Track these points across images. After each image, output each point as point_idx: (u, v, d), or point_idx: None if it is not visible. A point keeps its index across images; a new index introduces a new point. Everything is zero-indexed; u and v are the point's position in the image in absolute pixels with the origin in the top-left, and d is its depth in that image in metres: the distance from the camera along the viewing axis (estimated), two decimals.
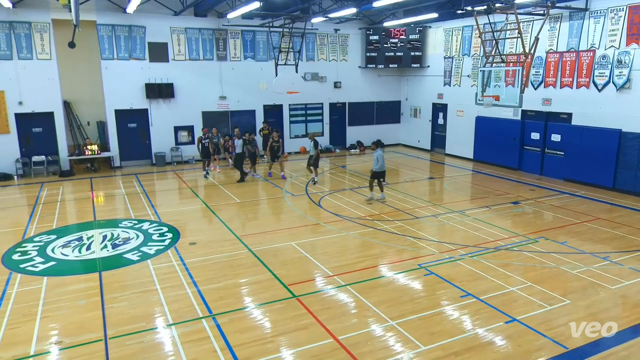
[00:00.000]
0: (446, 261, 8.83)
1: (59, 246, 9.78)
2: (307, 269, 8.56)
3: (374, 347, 6.06)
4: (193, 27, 18.48)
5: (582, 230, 10.55)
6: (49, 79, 16.61)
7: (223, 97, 19.47)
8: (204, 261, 8.93)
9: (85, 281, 8.14)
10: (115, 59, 17.47)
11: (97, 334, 6.42)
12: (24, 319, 6.85)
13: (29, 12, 15.99)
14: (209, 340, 6.22)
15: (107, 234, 10.51)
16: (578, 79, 14.70)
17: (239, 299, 7.50)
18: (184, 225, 11.16)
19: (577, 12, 14.43)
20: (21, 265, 8.79)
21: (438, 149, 21.29)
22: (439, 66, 20.45)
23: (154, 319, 6.84)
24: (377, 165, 12.46)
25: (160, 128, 18.60)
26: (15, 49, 16.03)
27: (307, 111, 21.55)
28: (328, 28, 20.68)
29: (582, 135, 14.63)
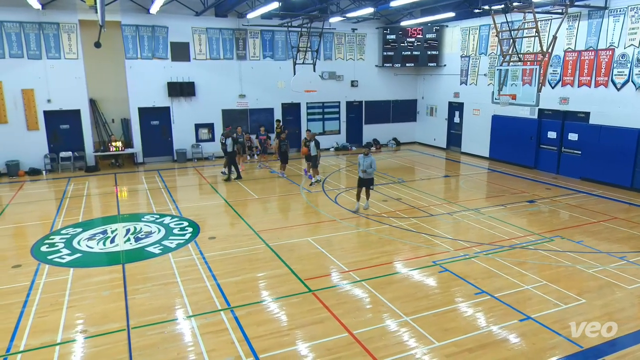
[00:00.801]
0: (461, 258, 8.75)
1: (84, 239, 9.98)
2: (323, 264, 8.58)
3: (389, 342, 6.04)
4: (214, 27, 18.61)
5: (598, 230, 10.34)
6: (76, 78, 16.93)
7: (242, 95, 19.58)
8: (223, 255, 9.01)
9: (109, 273, 8.29)
10: (139, 59, 17.70)
11: (120, 323, 6.54)
12: (51, 308, 7.02)
13: (57, 13, 16.30)
14: (227, 332, 6.28)
15: (130, 228, 10.68)
16: (596, 77, 14.38)
17: (256, 292, 7.55)
18: (204, 220, 11.27)
19: (597, 11, 14.09)
20: (49, 257, 8.99)
21: (454, 147, 21.07)
22: (456, 65, 20.21)
23: (175, 311, 6.94)
24: (370, 170, 11.16)
25: (181, 125, 18.80)
26: (44, 49, 16.37)
27: (324, 109, 21.54)
28: (345, 27, 20.61)
29: (600, 135, 14.31)
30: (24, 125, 16.53)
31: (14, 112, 16.32)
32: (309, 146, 14.54)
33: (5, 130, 16.24)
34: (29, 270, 8.38)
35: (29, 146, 16.63)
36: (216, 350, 5.87)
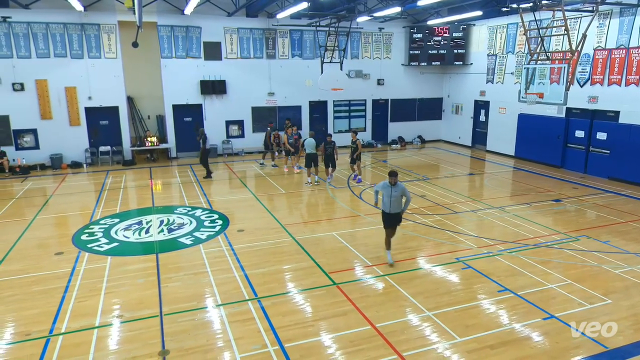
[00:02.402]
0: (484, 256, 8.59)
1: (121, 229, 10.26)
2: (347, 258, 8.57)
3: (410, 336, 6.00)
4: (245, 27, 18.75)
5: (626, 230, 9.97)
6: (114, 76, 17.38)
7: (271, 93, 19.70)
8: (251, 247, 9.12)
9: (144, 262, 8.51)
10: (173, 58, 18.02)
11: (154, 310, 6.71)
12: (90, 293, 7.26)
13: (98, 15, 16.74)
14: (254, 321, 6.36)
15: (164, 219, 10.91)
16: (627, 76, 13.82)
17: (282, 284, 7.61)
18: (233, 213, 11.42)
19: (628, 8, 13.52)
20: (88, 245, 9.29)
21: (479, 145, 20.65)
22: (482, 64, 19.77)
23: (205, 299, 7.07)
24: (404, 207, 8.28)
25: (213, 122, 19.05)
26: (85, 49, 16.85)
27: (351, 107, 21.45)
28: (372, 27, 20.43)
29: (630, 134, 13.77)
30: (67, 121, 17.09)
31: (58, 108, 16.88)
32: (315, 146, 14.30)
33: (50, 126, 16.83)
34: (70, 257, 8.68)
35: (71, 141, 17.19)
36: (243, 339, 5.95)
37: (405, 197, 8.02)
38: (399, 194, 7.98)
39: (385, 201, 8.05)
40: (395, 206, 8.01)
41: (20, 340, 6.01)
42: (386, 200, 8.02)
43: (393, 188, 7.97)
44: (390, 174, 8.01)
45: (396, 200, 7.97)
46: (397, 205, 8.02)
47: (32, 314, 6.63)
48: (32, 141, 16.81)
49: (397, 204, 8.02)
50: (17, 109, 16.34)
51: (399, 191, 7.97)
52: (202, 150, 14.94)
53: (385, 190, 8.03)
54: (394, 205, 8.01)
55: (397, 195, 7.96)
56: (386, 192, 8.01)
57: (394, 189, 7.96)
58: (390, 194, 7.96)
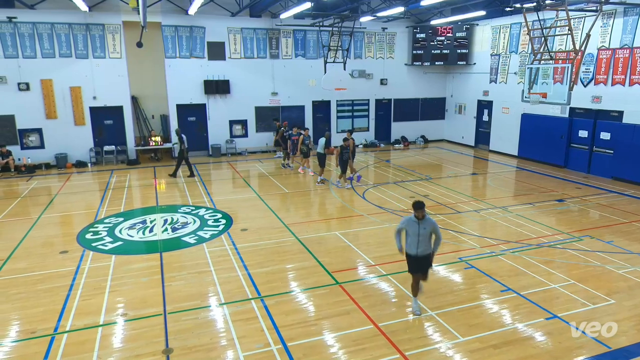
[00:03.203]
0: (487, 256, 8.57)
1: (125, 228, 10.29)
2: (350, 258, 8.56)
3: (413, 336, 5.99)
4: (248, 27, 18.77)
5: (630, 230, 9.92)
6: (119, 76, 17.42)
7: (275, 93, 19.70)
8: (254, 246, 9.12)
9: (148, 260, 8.53)
10: (177, 58, 18.06)
11: (157, 308, 6.72)
12: (94, 292, 7.28)
13: (103, 15, 16.79)
14: (257, 320, 6.37)
15: (168, 218, 10.94)
16: (631, 76, 13.74)
17: (285, 283, 7.61)
18: (237, 212, 11.43)
19: (633, 8, 13.45)
20: (93, 244, 9.32)
21: (482, 145, 20.60)
22: (486, 63, 19.72)
23: (208, 298, 7.08)
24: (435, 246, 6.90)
25: (216, 122, 19.09)
26: (90, 49, 16.90)
27: (354, 107, 21.43)
28: (376, 26, 20.41)
29: (634, 134, 13.69)
30: (72, 121, 17.14)
31: (63, 108, 16.94)
32: None
33: (55, 125, 16.89)
34: (74, 256, 8.71)
35: (76, 140, 17.25)
36: (246, 337, 5.96)
37: (436, 234, 6.48)
38: (428, 230, 6.40)
39: (411, 241, 6.45)
40: (424, 246, 6.43)
41: (26, 338, 6.04)
42: (412, 240, 6.42)
43: (421, 224, 6.36)
44: (416, 207, 6.32)
45: (425, 238, 6.42)
46: (426, 244, 6.45)
47: (37, 312, 6.66)
48: (37, 141, 16.88)
49: (426, 244, 6.45)
50: (23, 108, 16.41)
51: (428, 227, 6.38)
52: (182, 150, 15.02)
53: (410, 227, 6.42)
54: (422, 245, 6.42)
55: (426, 233, 6.41)
56: (412, 230, 6.40)
57: (421, 225, 6.35)
58: (417, 231, 6.36)
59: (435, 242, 6.56)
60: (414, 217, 6.42)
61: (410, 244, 6.49)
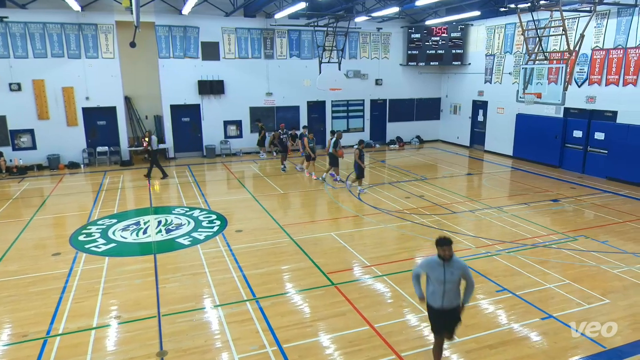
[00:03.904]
0: (482, 256, 8.60)
1: (119, 229, 10.24)
2: (346, 259, 8.57)
3: (409, 336, 6.00)
4: (243, 27, 18.74)
5: (624, 230, 9.99)
6: (112, 76, 17.34)
7: (269, 93, 19.68)
8: (249, 248, 9.11)
9: (142, 262, 8.49)
10: (171, 58, 18.00)
11: (152, 311, 6.69)
12: (87, 294, 7.24)
13: (96, 15, 16.71)
14: (252, 322, 6.35)
15: (162, 220, 10.90)
16: (625, 76, 13.85)
17: (280, 284, 7.60)
18: (231, 213, 11.40)
19: (626, 8, 13.56)
20: (86, 246, 9.26)
21: (477, 145, 20.68)
22: (480, 64, 19.80)
23: (203, 300, 7.06)
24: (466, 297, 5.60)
25: (211, 122, 19.04)
26: (83, 49, 16.81)
27: (349, 107, 21.45)
28: (371, 27, 20.45)
29: (628, 134, 13.80)
30: (64, 121, 17.04)
31: (55, 108, 16.84)
32: None
33: (47, 126, 16.78)
34: (67, 258, 8.66)
35: (69, 141, 17.15)
36: (241, 339, 5.94)
37: (467, 279, 5.01)
38: (457, 276, 4.94)
39: (434, 290, 4.95)
40: (451, 297, 4.96)
41: (18, 341, 5.99)
42: (436, 289, 4.92)
43: (447, 267, 4.88)
44: (440, 243, 4.85)
45: (453, 286, 4.95)
46: (454, 294, 4.99)
47: (30, 314, 6.61)
48: (29, 141, 16.76)
49: (454, 293, 4.98)
50: (14, 109, 16.29)
51: (457, 271, 4.93)
52: (151, 152, 14.98)
53: (433, 272, 4.92)
54: (450, 296, 4.94)
55: (455, 280, 4.93)
56: (435, 275, 4.90)
57: (448, 269, 4.88)
58: (442, 277, 4.86)
59: (466, 290, 5.02)
60: (438, 257, 4.91)
61: (433, 293, 4.97)
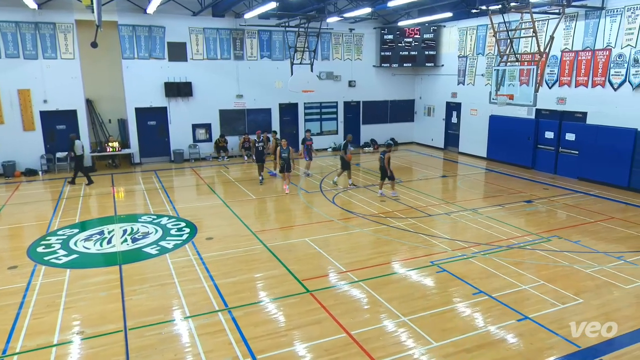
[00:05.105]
0: (459, 259, 8.77)
1: (81, 240, 9.95)
2: (321, 265, 8.57)
3: (386, 343, 6.05)
4: (211, 27, 18.59)
5: (596, 230, 10.37)
6: (72, 78, 16.89)
7: (240, 95, 19.57)
8: (220, 256, 9.00)
9: (106, 274, 8.28)
10: (135, 59, 17.68)
11: (117, 324, 6.52)
12: (47, 309, 6.99)
13: (54, 13, 16.25)
14: (224, 333, 6.27)
15: (127, 229, 10.66)
16: (593, 77, 14.42)
17: (254, 293, 7.54)
18: (201, 220, 11.26)
19: (593, 11, 14.14)
20: (45, 258, 8.96)
21: (451, 147, 21.11)
22: (453, 65, 20.25)
23: (172, 311, 6.92)
24: None
25: (178, 126, 18.78)
26: (40, 49, 16.32)
27: (322, 109, 21.54)
28: (343, 27, 20.62)
29: (597, 135, 14.36)
30: (20, 126, 16.48)
31: (10, 112, 16.27)
32: None
33: (2, 131, 16.19)
34: (25, 271, 8.35)
35: (25, 147, 16.58)
36: (214, 352, 5.86)
37: None
38: None
39: None
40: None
41: None
42: None
43: None
44: None
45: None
46: None
47: None
48: None
49: None
50: None
51: None
52: (77, 157, 14.74)
53: None
54: None
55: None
56: None
57: None
58: None
59: None
60: None
61: None
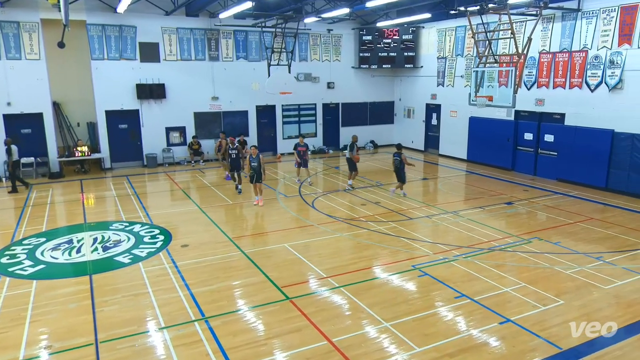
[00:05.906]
0: (440, 262, 8.86)
1: (48, 249, 9.70)
2: (301, 271, 8.55)
3: (369, 349, 6.06)
4: (184, 27, 18.42)
5: (575, 231, 10.63)
6: (38, 80, 16.48)
7: (215, 97, 19.42)
8: (197, 264, 8.89)
9: (76, 284, 8.08)
10: (105, 59, 17.37)
11: (88, 338, 6.37)
12: (12, 323, 6.78)
13: (17, 12, 15.85)
14: (201, 344, 6.19)
15: (98, 237, 10.43)
16: (571, 79, 14.82)
17: (231, 301, 7.47)
18: (176, 227, 11.10)
19: (570, 13, 14.55)
20: (10, 269, 8.70)
21: (432, 149, 21.37)
22: (433, 66, 20.53)
23: (146, 323, 6.80)
24: None
25: (151, 129, 18.51)
26: (3, 49, 15.88)
27: (300, 112, 21.55)
28: (321, 28, 20.70)
29: (575, 136, 14.75)
30: None
31: None
32: None
33: None
34: None
35: None
36: None
37: None
38: None
39: None
40: None
41: None
42: None
43: None
44: None
45: None
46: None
47: None
48: None
49: None
50: None
51: None
52: (11, 163, 14.40)
53: None
54: None
55: None
56: None
57: None
58: None
59: None
60: None
61: None
